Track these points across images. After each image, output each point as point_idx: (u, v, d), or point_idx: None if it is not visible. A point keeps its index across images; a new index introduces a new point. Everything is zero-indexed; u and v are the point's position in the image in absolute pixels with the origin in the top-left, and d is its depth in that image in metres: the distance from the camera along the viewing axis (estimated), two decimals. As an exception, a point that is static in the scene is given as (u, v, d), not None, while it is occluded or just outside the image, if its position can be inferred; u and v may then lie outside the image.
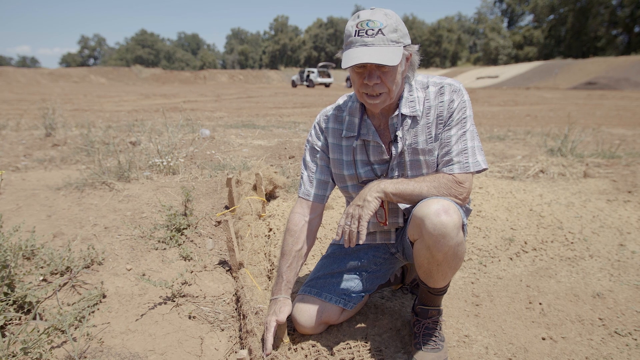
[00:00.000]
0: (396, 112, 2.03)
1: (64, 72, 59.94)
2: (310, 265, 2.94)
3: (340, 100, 2.23)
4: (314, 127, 2.25)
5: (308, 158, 2.27)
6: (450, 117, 1.99)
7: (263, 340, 2.05)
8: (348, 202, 2.37)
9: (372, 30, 1.80)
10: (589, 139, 7.23)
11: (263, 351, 2.01)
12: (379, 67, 1.84)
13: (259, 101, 18.96)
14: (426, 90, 2.04)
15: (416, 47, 1.94)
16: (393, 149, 2.06)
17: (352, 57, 1.81)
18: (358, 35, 1.82)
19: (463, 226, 1.86)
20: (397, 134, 2.03)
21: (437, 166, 2.04)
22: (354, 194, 2.19)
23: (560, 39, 76.48)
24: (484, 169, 2.01)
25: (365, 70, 1.87)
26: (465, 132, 1.98)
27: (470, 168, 1.96)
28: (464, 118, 1.99)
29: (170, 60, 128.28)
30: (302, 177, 2.29)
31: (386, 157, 2.08)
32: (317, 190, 2.23)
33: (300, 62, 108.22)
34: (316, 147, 2.24)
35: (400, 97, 2.03)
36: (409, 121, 2.03)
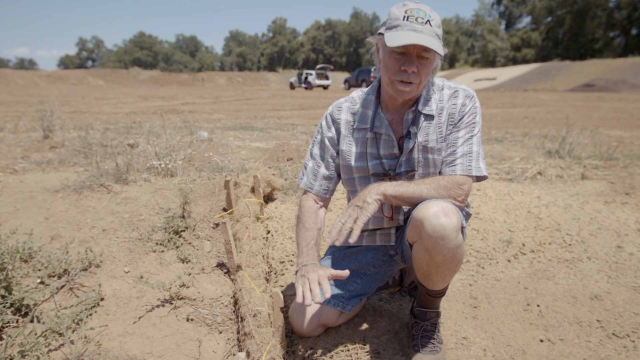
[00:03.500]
0: (412, 108, 2.06)
1: (62, 74, 59.89)
2: (309, 267, 2.93)
3: (354, 94, 2.25)
4: (325, 117, 2.26)
5: (316, 150, 2.27)
6: (460, 119, 2.03)
7: (304, 291, 1.86)
8: (349, 199, 2.38)
9: (422, 19, 1.84)
10: (586, 140, 7.24)
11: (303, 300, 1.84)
12: (419, 56, 1.86)
13: (257, 103, 18.96)
14: (441, 92, 2.09)
15: (446, 51, 1.98)
16: (405, 144, 2.07)
17: (403, 37, 1.81)
18: (407, 20, 1.84)
19: (462, 229, 1.87)
20: (410, 129, 2.05)
21: (441, 164, 2.07)
22: (359, 186, 2.21)
23: (557, 41, 76.61)
24: (485, 177, 2.04)
25: (405, 57, 1.87)
26: (472, 136, 2.02)
27: (472, 171, 1.98)
28: (474, 123, 2.04)
29: (168, 62, 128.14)
30: (305, 167, 2.29)
31: (396, 151, 2.11)
32: (320, 183, 2.25)
33: (299, 64, 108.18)
34: (325, 138, 2.24)
35: (418, 95, 2.06)
36: (422, 119, 2.05)
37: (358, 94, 2.23)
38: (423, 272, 1.96)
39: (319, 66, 45.42)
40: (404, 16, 1.84)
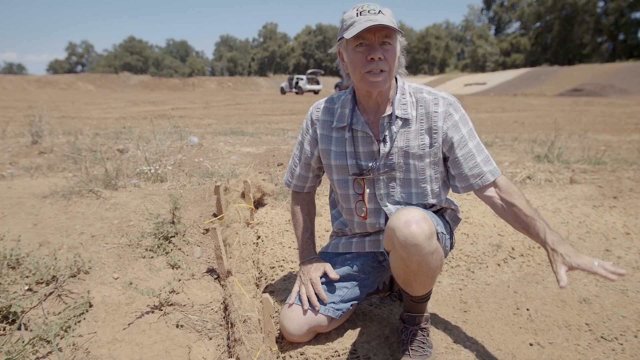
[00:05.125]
0: (388, 112, 2.06)
1: (51, 79, 59.52)
2: (299, 272, 2.93)
3: (334, 94, 2.29)
4: (306, 119, 2.32)
5: (296, 151, 2.40)
6: (456, 130, 2.04)
7: (304, 294, 2.22)
8: (332, 202, 2.40)
9: (374, 10, 1.89)
10: (575, 145, 7.30)
11: (309, 305, 2.19)
12: (382, 43, 1.90)
13: (248, 108, 18.95)
14: (419, 96, 2.09)
15: (405, 43, 2.05)
16: (381, 148, 2.08)
17: (359, 26, 1.86)
18: (361, 15, 1.89)
19: (438, 235, 1.89)
20: (385, 134, 2.06)
21: (466, 178, 2.09)
22: (339, 189, 2.25)
23: (546, 46, 77.41)
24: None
25: (368, 48, 1.91)
26: (478, 142, 2.09)
27: (497, 172, 2.06)
28: (471, 129, 2.09)
29: (158, 67, 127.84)
30: (289, 164, 2.45)
31: (375, 148, 2.11)
32: (295, 182, 2.43)
33: (289, 69, 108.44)
34: (304, 140, 2.32)
35: (393, 98, 2.08)
36: (399, 122, 2.06)
37: (338, 93, 2.27)
38: (402, 279, 1.98)
39: (309, 71, 45.55)
40: (357, 12, 1.91)
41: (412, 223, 1.79)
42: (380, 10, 1.90)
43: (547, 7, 73.64)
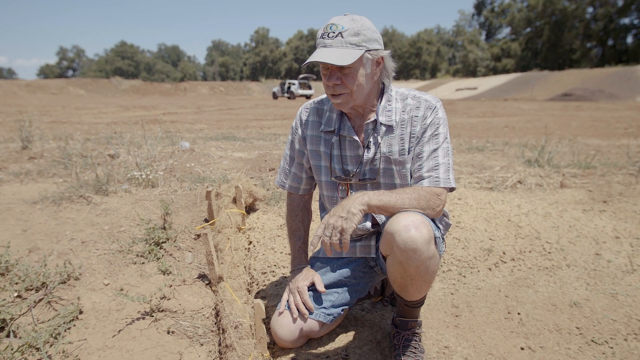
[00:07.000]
0: (372, 119, 2.08)
1: (41, 84, 59.20)
2: (291, 278, 2.92)
3: (324, 95, 2.28)
4: (295, 119, 2.32)
5: (287, 150, 2.38)
6: (423, 133, 2.03)
7: (292, 303, 2.21)
8: (321, 205, 2.40)
9: (333, 33, 1.89)
10: (565, 149, 7.35)
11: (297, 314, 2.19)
12: (339, 68, 1.91)
13: (240, 113, 18.93)
14: (404, 102, 2.09)
15: (387, 52, 2.00)
16: (365, 154, 2.09)
17: (313, 56, 1.90)
18: (321, 38, 1.92)
19: (435, 239, 1.88)
20: (370, 140, 2.07)
21: (410, 179, 2.08)
22: (325, 191, 2.26)
23: (536, 51, 78.07)
24: (453, 188, 2.04)
25: (328, 71, 1.94)
26: (437, 149, 2.02)
27: (440, 183, 1.98)
28: (437, 135, 2.03)
29: (150, 71, 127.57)
30: (280, 166, 2.43)
31: (361, 152, 2.12)
32: (290, 182, 2.38)
33: (281, 74, 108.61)
34: (295, 139, 2.32)
35: (377, 105, 2.09)
36: (383, 129, 2.07)
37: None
38: (398, 284, 1.97)
39: (301, 76, 45.53)
40: (321, 34, 1.92)
41: (412, 227, 1.78)
42: (340, 32, 1.87)
43: (537, 12, 74.36)
